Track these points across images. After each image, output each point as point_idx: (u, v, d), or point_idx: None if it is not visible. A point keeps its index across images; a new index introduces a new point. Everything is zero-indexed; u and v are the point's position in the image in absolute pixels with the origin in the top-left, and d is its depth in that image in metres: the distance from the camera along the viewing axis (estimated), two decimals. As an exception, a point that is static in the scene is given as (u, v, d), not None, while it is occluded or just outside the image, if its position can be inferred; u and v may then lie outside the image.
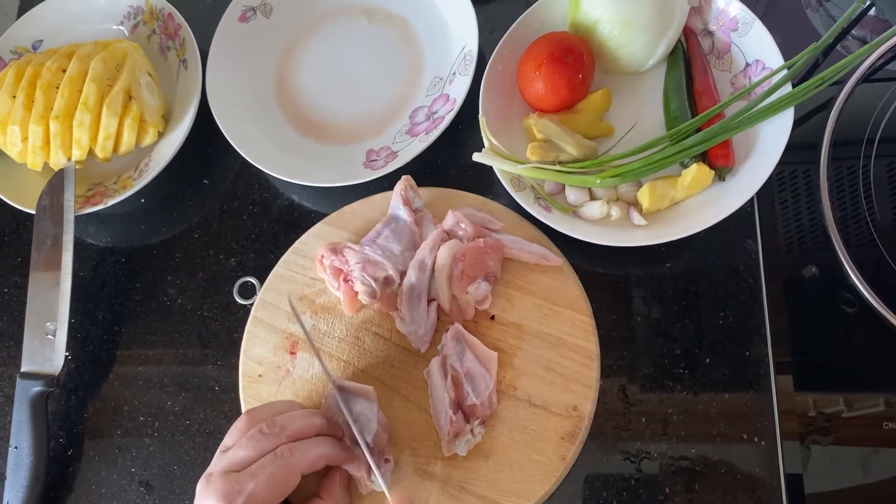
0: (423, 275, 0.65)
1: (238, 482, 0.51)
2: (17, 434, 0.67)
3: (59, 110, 0.73)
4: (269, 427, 0.54)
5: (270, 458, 0.52)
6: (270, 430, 0.54)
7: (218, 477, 0.51)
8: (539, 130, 0.67)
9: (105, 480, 0.68)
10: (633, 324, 0.66)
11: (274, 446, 0.53)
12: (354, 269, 0.64)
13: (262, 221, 0.76)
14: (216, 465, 0.53)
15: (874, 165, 0.67)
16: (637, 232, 0.65)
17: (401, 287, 0.64)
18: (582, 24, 0.70)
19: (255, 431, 0.54)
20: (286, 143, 0.78)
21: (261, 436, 0.54)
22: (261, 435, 0.54)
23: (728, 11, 0.70)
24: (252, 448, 0.53)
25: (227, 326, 0.72)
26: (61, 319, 0.69)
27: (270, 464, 0.52)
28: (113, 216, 0.80)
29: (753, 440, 0.60)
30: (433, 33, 0.81)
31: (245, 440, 0.54)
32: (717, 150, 0.66)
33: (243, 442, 0.54)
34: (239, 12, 0.83)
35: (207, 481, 0.52)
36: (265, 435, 0.54)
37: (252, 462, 0.52)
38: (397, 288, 0.65)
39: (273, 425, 0.54)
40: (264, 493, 0.51)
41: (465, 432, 0.59)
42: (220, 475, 0.51)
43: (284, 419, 0.56)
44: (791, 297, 0.64)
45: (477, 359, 0.61)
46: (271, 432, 0.54)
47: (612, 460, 0.61)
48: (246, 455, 0.53)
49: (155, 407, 0.70)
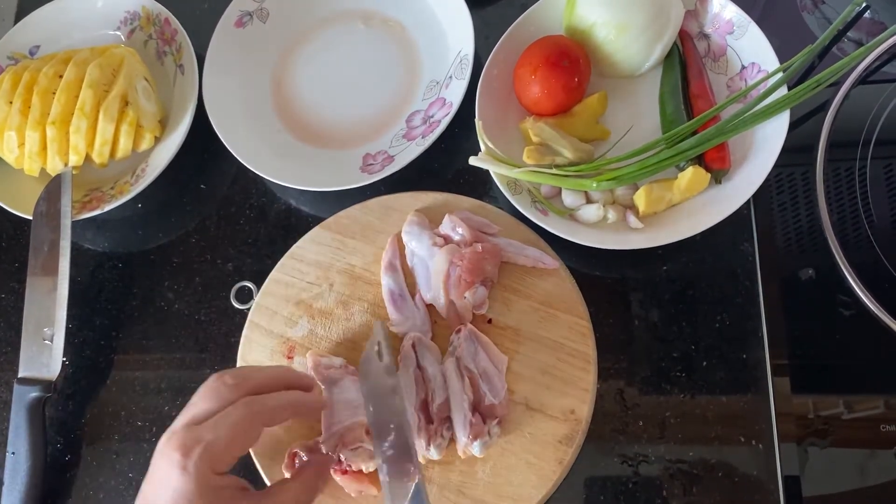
0: (396, 274, 0.66)
1: (197, 433, 0.48)
2: (15, 440, 0.67)
3: (55, 116, 0.73)
4: (233, 378, 0.52)
5: (232, 408, 0.50)
6: (234, 381, 0.52)
7: (178, 429, 0.49)
8: (535, 134, 0.67)
9: (103, 486, 0.68)
10: (631, 327, 0.66)
11: (236, 397, 0.51)
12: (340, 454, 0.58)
13: (260, 226, 0.76)
14: (178, 420, 0.51)
15: (870, 167, 0.67)
16: (633, 235, 0.65)
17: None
18: (578, 28, 0.70)
19: (218, 383, 0.52)
20: (283, 148, 0.78)
21: (224, 387, 0.51)
22: (224, 386, 0.52)
23: (723, 15, 0.70)
24: (213, 400, 0.51)
25: (225, 331, 0.72)
26: (58, 325, 0.69)
27: (231, 413, 0.50)
28: (110, 221, 0.80)
29: (751, 443, 0.60)
30: (429, 38, 0.81)
31: (208, 392, 0.52)
32: (714, 153, 0.66)
33: (206, 394, 0.52)
34: (235, 17, 0.83)
35: (168, 437, 0.49)
36: (227, 386, 0.52)
37: (214, 414, 0.50)
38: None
39: (237, 376, 0.53)
40: (223, 444, 0.48)
41: (484, 433, 0.59)
42: (181, 427, 0.49)
43: (249, 370, 0.54)
44: (788, 299, 0.64)
45: (489, 358, 0.61)
46: (234, 383, 0.52)
47: (610, 464, 0.61)
48: (208, 407, 0.50)
49: (152, 412, 0.70)
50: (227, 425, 0.49)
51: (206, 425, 0.49)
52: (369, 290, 0.68)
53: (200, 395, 0.52)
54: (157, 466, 0.49)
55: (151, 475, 0.50)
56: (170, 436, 0.49)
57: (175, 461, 0.47)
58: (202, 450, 0.48)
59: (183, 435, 0.49)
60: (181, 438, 0.48)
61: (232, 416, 0.50)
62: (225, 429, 0.49)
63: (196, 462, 0.47)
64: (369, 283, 0.68)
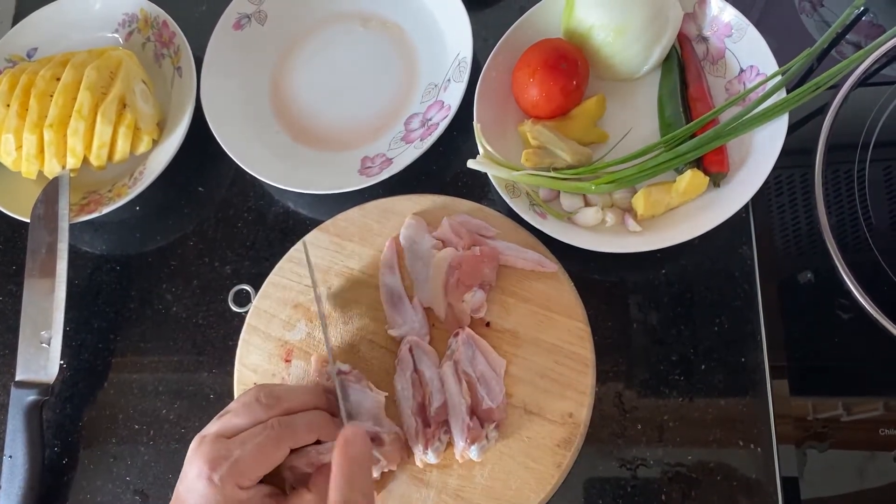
0: (394, 277, 0.66)
1: (226, 448, 0.51)
2: (12, 443, 0.67)
3: (53, 118, 0.73)
4: (267, 398, 0.54)
5: (261, 427, 0.52)
6: (267, 401, 0.54)
7: (209, 440, 0.52)
8: (534, 137, 0.67)
9: (100, 489, 0.68)
10: (629, 330, 0.65)
11: (267, 417, 0.53)
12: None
13: (257, 229, 0.76)
14: (210, 427, 0.53)
15: (869, 170, 0.67)
16: (632, 238, 0.65)
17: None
18: (576, 30, 0.70)
19: (252, 400, 0.54)
20: (281, 151, 0.78)
21: (257, 405, 0.54)
22: (257, 404, 0.54)
23: (722, 17, 0.70)
24: (246, 416, 0.53)
25: (222, 334, 0.72)
26: (56, 328, 0.69)
27: (259, 434, 0.52)
28: (108, 224, 0.80)
29: (749, 446, 0.60)
30: (428, 40, 0.81)
31: (241, 407, 0.54)
32: (712, 156, 0.66)
33: (239, 409, 0.54)
34: (234, 19, 0.83)
35: (199, 442, 0.52)
36: (261, 405, 0.54)
37: (244, 430, 0.52)
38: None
39: (270, 396, 0.55)
40: (250, 462, 0.51)
41: (482, 437, 0.58)
42: (211, 438, 0.52)
43: (283, 391, 0.56)
44: (786, 302, 0.64)
45: (487, 362, 0.61)
46: (267, 403, 0.54)
47: (609, 467, 0.61)
48: (239, 422, 0.53)
49: (150, 415, 0.70)
50: (255, 444, 0.51)
51: (236, 441, 0.51)
52: (367, 293, 0.67)
53: (235, 408, 0.54)
54: (187, 471, 0.52)
55: (184, 477, 0.52)
56: (199, 442, 0.52)
57: (203, 473, 0.50)
58: (230, 465, 0.50)
59: (212, 447, 0.51)
60: (211, 451, 0.51)
61: (261, 436, 0.52)
62: (252, 447, 0.51)
63: (223, 476, 0.50)
64: (367, 286, 0.68)
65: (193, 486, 0.50)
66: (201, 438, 0.52)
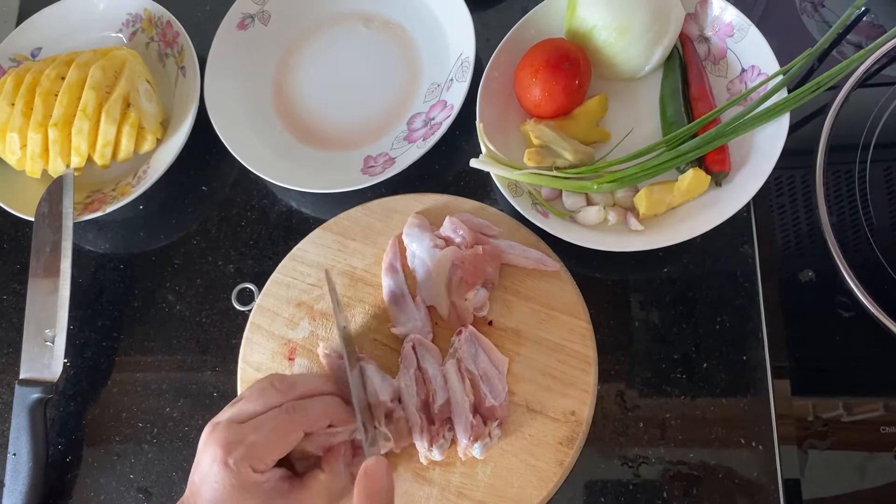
0: (396, 276, 0.66)
1: (240, 433, 0.51)
2: (16, 441, 0.67)
3: (57, 118, 0.73)
4: (280, 383, 0.55)
5: (275, 412, 0.53)
6: (281, 387, 0.54)
7: (223, 426, 0.52)
8: (536, 136, 0.68)
9: (104, 487, 0.68)
10: (631, 329, 0.66)
11: (281, 402, 0.53)
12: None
13: (261, 228, 0.77)
14: (223, 414, 0.54)
15: (870, 170, 0.67)
16: (634, 237, 0.65)
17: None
18: (578, 30, 0.70)
19: (266, 385, 0.54)
20: (284, 150, 0.78)
21: (271, 390, 0.54)
22: (272, 389, 0.54)
23: (723, 18, 0.71)
24: (260, 401, 0.53)
25: (226, 333, 0.72)
26: (60, 326, 0.69)
27: (274, 418, 0.52)
28: (112, 223, 0.80)
29: (751, 445, 0.60)
30: (430, 40, 0.81)
31: (255, 393, 0.54)
32: (714, 156, 0.66)
33: (253, 395, 0.54)
34: (237, 19, 0.83)
35: (213, 428, 0.52)
36: (275, 390, 0.54)
37: (258, 415, 0.53)
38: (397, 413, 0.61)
39: (284, 382, 0.55)
40: (265, 446, 0.51)
41: (485, 435, 0.59)
42: (225, 424, 0.52)
43: (296, 378, 0.56)
44: (788, 301, 0.64)
45: (490, 360, 0.62)
46: (281, 388, 0.54)
47: (610, 465, 0.62)
48: (253, 407, 0.53)
49: (153, 413, 0.70)
50: (269, 428, 0.52)
51: (250, 425, 0.52)
52: (370, 292, 0.68)
53: (248, 394, 0.55)
54: (201, 458, 0.52)
55: (198, 465, 0.52)
56: (213, 428, 0.52)
57: (218, 457, 0.50)
58: (245, 449, 0.50)
59: (226, 432, 0.51)
60: (225, 435, 0.51)
61: (275, 421, 0.52)
62: (267, 431, 0.51)
63: (237, 459, 0.50)
64: (370, 284, 0.68)
65: (208, 472, 0.50)
66: (214, 424, 0.52)
